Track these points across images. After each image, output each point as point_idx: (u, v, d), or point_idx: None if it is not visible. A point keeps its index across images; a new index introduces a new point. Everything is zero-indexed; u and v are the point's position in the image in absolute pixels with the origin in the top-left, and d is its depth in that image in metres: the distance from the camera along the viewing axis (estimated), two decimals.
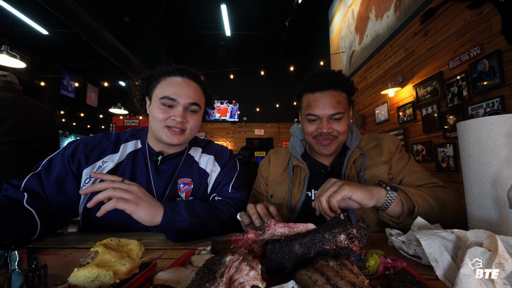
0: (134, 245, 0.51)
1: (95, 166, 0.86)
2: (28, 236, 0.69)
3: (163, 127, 0.85)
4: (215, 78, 9.08)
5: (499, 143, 0.57)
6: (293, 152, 1.08)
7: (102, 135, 0.93)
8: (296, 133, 1.12)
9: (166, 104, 0.84)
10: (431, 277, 0.46)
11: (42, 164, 0.83)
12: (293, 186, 1.02)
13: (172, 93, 0.84)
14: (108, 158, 0.88)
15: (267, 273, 0.46)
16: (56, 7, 4.35)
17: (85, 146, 0.87)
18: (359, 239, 0.48)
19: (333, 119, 0.93)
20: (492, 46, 2.42)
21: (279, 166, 1.11)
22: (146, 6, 7.72)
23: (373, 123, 4.76)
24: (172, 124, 0.84)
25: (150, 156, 0.93)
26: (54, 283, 0.44)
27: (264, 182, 1.13)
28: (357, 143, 1.01)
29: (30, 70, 8.48)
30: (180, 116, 0.84)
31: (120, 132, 0.97)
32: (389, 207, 0.75)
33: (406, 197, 0.76)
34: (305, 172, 1.02)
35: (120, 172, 0.88)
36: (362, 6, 5.29)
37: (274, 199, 1.05)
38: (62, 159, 0.84)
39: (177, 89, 0.85)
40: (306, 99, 0.97)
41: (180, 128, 0.85)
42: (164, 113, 0.84)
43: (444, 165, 2.97)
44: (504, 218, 0.56)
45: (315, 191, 1.00)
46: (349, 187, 0.71)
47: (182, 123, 0.85)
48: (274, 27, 9.12)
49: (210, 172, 0.98)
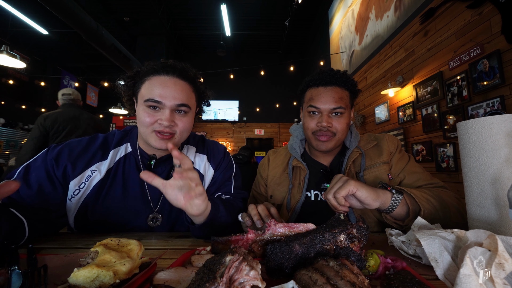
0: (134, 245, 0.51)
1: (84, 175, 0.81)
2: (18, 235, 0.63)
3: (150, 132, 0.78)
4: (215, 78, 9.08)
5: (499, 143, 0.57)
6: (293, 152, 1.07)
7: (87, 139, 0.87)
8: (295, 133, 1.12)
9: (151, 107, 0.77)
10: (431, 277, 0.46)
11: (18, 171, 0.75)
12: (293, 186, 1.02)
13: (157, 94, 0.76)
14: (97, 166, 0.83)
15: (267, 273, 0.46)
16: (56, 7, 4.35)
17: (70, 152, 0.81)
18: (359, 239, 0.48)
19: (334, 114, 0.94)
20: (492, 46, 2.42)
21: (278, 167, 1.10)
22: (146, 6, 7.71)
23: (373, 123, 4.76)
24: (160, 129, 0.77)
25: (143, 160, 0.88)
26: (54, 283, 0.44)
27: (263, 183, 1.13)
28: (356, 143, 1.01)
29: (30, 70, 8.47)
30: (167, 120, 0.76)
31: (107, 134, 0.91)
32: (394, 211, 0.74)
33: (411, 200, 0.75)
34: (305, 173, 1.01)
35: (111, 179, 0.83)
36: (362, 6, 5.29)
37: (273, 199, 1.05)
38: (43, 163, 0.77)
39: (162, 90, 0.77)
40: (309, 93, 0.99)
41: (168, 132, 0.78)
42: (150, 117, 0.77)
43: (444, 165, 2.97)
44: (504, 218, 0.56)
45: (315, 191, 1.00)
46: (354, 183, 0.70)
47: (170, 126, 0.78)
48: (274, 27, 9.11)
49: (204, 174, 0.95)
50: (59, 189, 0.78)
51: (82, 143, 0.85)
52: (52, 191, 0.77)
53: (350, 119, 0.98)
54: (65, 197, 0.80)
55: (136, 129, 0.93)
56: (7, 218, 0.61)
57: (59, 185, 0.78)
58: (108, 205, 0.83)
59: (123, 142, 0.90)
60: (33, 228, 0.67)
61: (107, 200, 0.83)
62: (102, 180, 0.82)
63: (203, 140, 1.04)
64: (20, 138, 8.66)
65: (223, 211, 0.74)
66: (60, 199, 0.79)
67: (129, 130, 0.94)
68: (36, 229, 0.69)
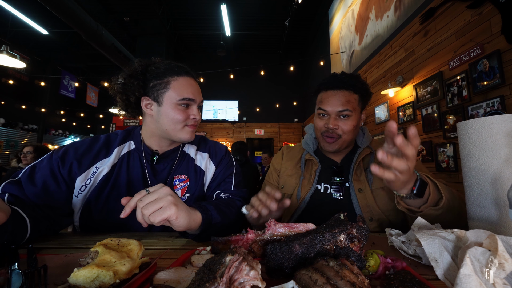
0: (134, 245, 0.51)
1: (89, 172, 0.84)
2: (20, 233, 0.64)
3: (182, 127, 0.88)
4: (215, 78, 9.08)
5: (499, 143, 0.57)
6: (306, 148, 1.15)
7: (90, 139, 0.90)
8: (310, 131, 1.19)
9: (183, 105, 0.87)
10: (431, 277, 0.46)
11: (23, 171, 0.78)
12: (304, 178, 1.08)
13: (190, 93, 0.88)
14: (102, 163, 0.86)
15: (267, 273, 0.46)
16: (56, 7, 4.35)
17: (75, 151, 0.84)
18: (359, 239, 0.48)
19: (341, 116, 0.98)
20: (492, 46, 2.42)
21: (292, 160, 1.17)
22: (146, 6, 7.71)
23: (373, 123, 4.76)
24: (192, 123, 0.89)
25: (146, 156, 0.92)
26: (54, 283, 0.44)
27: (276, 174, 1.19)
28: (367, 143, 1.06)
29: (30, 70, 8.48)
30: (198, 114, 0.90)
31: (110, 134, 0.95)
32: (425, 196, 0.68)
33: (434, 187, 0.71)
34: (316, 166, 1.07)
35: (115, 174, 0.87)
36: (362, 6, 5.29)
37: (284, 189, 1.11)
38: (49, 163, 0.80)
39: (192, 89, 0.89)
40: (320, 96, 1.05)
41: (196, 125, 0.91)
42: (183, 114, 0.87)
43: (444, 165, 2.97)
44: (504, 218, 0.56)
45: (325, 184, 1.05)
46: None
47: (199, 120, 0.91)
48: (274, 27, 9.12)
49: (205, 170, 0.99)
50: (63, 187, 0.80)
51: (86, 143, 0.88)
52: (57, 189, 0.79)
53: (358, 121, 1.02)
54: (71, 195, 0.82)
55: (138, 128, 0.97)
56: (11, 218, 0.61)
57: (63, 183, 0.80)
58: (113, 200, 0.85)
59: (127, 140, 0.94)
60: (35, 227, 0.68)
61: (112, 195, 0.85)
62: (107, 175, 0.86)
63: (204, 139, 1.08)
64: (20, 138, 8.67)
65: (218, 217, 0.72)
66: (65, 197, 0.81)
67: (131, 130, 0.98)
68: (38, 229, 0.69)
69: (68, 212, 0.84)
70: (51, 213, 0.76)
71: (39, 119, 9.48)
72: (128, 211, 0.55)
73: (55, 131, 10.46)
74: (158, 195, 0.56)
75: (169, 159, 0.95)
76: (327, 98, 1.00)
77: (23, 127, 8.87)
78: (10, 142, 8.20)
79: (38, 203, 0.74)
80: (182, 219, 0.58)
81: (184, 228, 0.61)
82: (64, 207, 0.81)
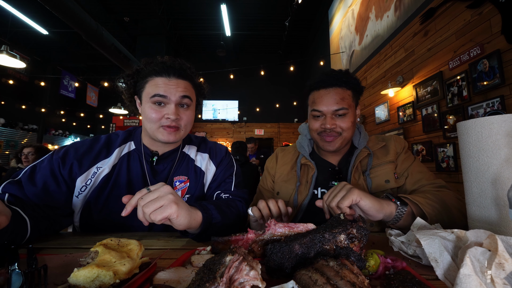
0: (134, 245, 0.51)
1: (90, 172, 0.84)
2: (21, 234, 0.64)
3: (158, 127, 0.84)
4: (215, 78, 9.08)
5: (499, 143, 0.57)
6: (301, 151, 1.09)
7: (90, 140, 0.90)
8: (304, 132, 1.14)
9: (157, 102, 0.83)
10: (431, 277, 0.46)
11: (24, 172, 0.78)
12: (300, 184, 1.03)
13: (162, 90, 0.82)
14: (102, 163, 0.86)
15: (267, 273, 0.46)
16: (56, 7, 4.35)
17: (76, 151, 0.84)
18: (359, 239, 0.48)
19: (337, 115, 0.95)
20: (492, 46, 2.42)
21: (286, 164, 1.11)
22: (146, 6, 7.71)
23: (373, 123, 4.76)
24: (167, 123, 0.83)
25: (146, 156, 0.92)
26: (54, 283, 0.44)
27: (270, 179, 1.14)
28: (364, 143, 1.03)
29: (30, 70, 8.47)
30: (173, 114, 0.82)
31: (110, 134, 0.94)
32: (399, 222, 0.73)
33: (417, 209, 0.75)
34: (313, 171, 1.02)
35: (116, 174, 0.87)
36: (362, 6, 5.29)
37: (280, 196, 1.06)
38: (49, 163, 0.80)
39: (166, 87, 0.83)
40: (312, 96, 1.01)
41: (175, 126, 0.84)
42: (157, 113, 0.83)
43: (444, 165, 2.97)
44: (504, 218, 0.56)
45: (322, 189, 1.01)
46: (358, 192, 0.69)
47: (176, 120, 0.84)
48: (274, 27, 9.12)
49: (206, 171, 0.98)
50: (63, 187, 0.80)
51: (86, 143, 0.88)
52: (57, 189, 0.79)
53: (355, 117, 0.99)
54: (71, 195, 0.82)
55: (138, 129, 0.97)
56: (12, 218, 0.61)
57: (63, 183, 0.80)
58: (113, 200, 0.85)
59: (127, 141, 0.94)
60: (35, 228, 0.68)
61: (112, 195, 0.85)
62: (108, 175, 0.86)
63: (204, 140, 1.08)
64: (20, 138, 8.66)
65: (218, 217, 0.72)
66: (65, 197, 0.81)
67: (132, 130, 0.98)
68: (38, 229, 0.70)
69: (68, 212, 0.84)
70: (51, 213, 0.76)
71: (39, 119, 9.48)
72: (129, 209, 0.55)
73: (55, 131, 10.45)
74: (159, 194, 0.56)
75: (169, 160, 0.94)
76: (320, 98, 0.96)
77: (23, 127, 8.87)
78: (10, 142, 8.20)
79: (38, 203, 0.74)
80: (182, 218, 0.59)
81: (184, 227, 0.61)
82: (64, 207, 0.81)
